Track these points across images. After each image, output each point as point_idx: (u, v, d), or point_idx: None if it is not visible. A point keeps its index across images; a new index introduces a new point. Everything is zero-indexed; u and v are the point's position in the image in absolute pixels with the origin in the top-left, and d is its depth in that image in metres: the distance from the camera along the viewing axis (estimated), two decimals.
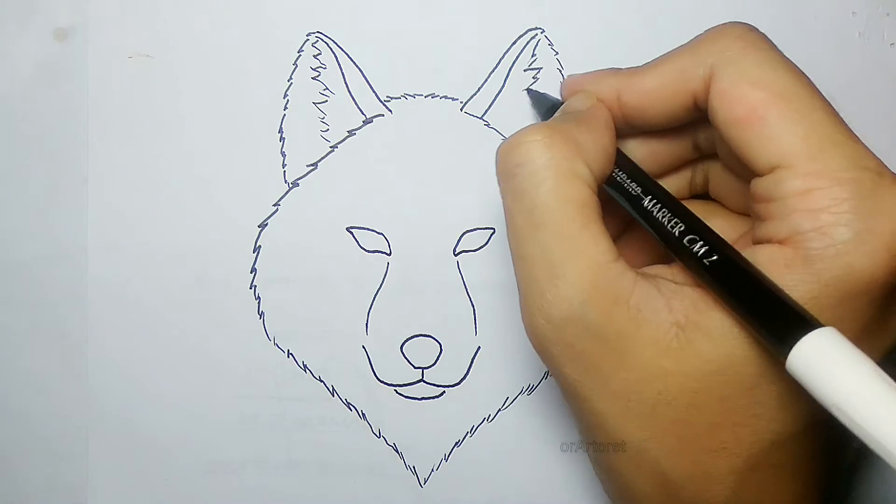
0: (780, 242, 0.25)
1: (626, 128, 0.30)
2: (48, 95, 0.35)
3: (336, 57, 0.35)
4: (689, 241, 0.26)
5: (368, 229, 0.35)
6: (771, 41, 0.28)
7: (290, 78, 0.35)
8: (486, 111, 0.35)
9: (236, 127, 0.35)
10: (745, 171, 0.28)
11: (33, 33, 0.35)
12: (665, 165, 0.32)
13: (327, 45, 0.35)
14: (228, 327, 0.35)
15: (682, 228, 0.27)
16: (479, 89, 0.35)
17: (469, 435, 0.36)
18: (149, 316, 0.35)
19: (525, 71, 0.35)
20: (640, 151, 0.31)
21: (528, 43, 0.35)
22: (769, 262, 0.25)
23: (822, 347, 0.23)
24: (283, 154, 0.35)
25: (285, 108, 0.35)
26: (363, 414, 0.36)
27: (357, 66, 0.35)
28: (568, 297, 0.26)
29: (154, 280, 0.35)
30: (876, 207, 0.25)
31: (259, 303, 0.35)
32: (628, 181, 0.29)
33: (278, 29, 0.35)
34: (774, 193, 0.26)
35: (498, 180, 0.28)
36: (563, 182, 0.26)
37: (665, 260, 0.29)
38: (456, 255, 0.35)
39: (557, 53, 0.35)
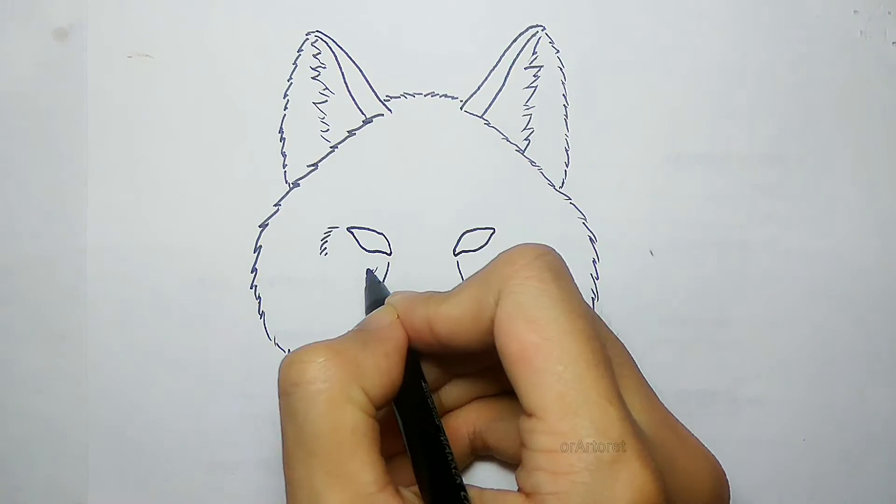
0: (526, 494, 0.26)
1: (448, 351, 0.30)
2: (48, 95, 0.35)
3: (336, 56, 0.35)
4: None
5: (368, 229, 0.35)
6: (560, 268, 0.28)
7: (290, 78, 0.35)
8: (486, 110, 0.35)
9: (236, 127, 0.35)
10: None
11: (33, 33, 0.35)
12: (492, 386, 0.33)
13: (327, 44, 0.35)
14: (229, 327, 0.35)
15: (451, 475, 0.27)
16: (479, 88, 0.35)
17: None
18: (149, 316, 0.35)
19: (526, 69, 0.35)
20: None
21: (528, 41, 0.35)
22: None
23: None
24: (284, 154, 0.35)
25: (285, 108, 0.35)
26: None
27: (357, 66, 0.35)
28: None
29: (154, 280, 0.35)
30: (613, 480, 0.24)
31: (259, 303, 0.35)
32: (419, 404, 0.29)
33: (278, 29, 0.35)
34: (528, 442, 0.26)
35: (278, 395, 0.27)
36: (335, 407, 0.26)
37: None
38: (456, 255, 0.35)
39: (559, 51, 0.35)
